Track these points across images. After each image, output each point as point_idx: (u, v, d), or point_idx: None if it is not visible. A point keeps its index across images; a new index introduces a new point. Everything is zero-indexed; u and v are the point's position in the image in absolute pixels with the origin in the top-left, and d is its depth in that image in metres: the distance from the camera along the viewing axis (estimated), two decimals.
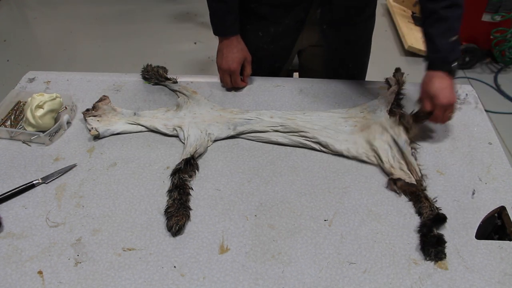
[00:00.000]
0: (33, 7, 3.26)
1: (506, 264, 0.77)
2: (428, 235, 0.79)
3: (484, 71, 2.50)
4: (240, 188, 0.90)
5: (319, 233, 0.81)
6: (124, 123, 1.03)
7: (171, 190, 0.87)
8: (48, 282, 0.73)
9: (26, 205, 0.86)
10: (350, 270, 0.76)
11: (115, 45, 2.80)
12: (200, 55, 2.70)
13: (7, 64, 2.64)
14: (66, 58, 2.69)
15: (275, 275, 0.75)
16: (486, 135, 1.02)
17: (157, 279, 0.74)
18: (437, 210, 0.83)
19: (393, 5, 2.91)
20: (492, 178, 0.92)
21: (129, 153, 0.97)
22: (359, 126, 1.01)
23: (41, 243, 0.79)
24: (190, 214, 0.84)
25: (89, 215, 0.84)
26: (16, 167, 0.94)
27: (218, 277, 0.75)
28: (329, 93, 1.14)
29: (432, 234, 0.79)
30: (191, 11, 3.14)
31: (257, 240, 0.80)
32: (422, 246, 0.78)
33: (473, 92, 1.14)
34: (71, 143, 1.00)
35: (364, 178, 0.92)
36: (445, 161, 0.96)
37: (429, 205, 0.84)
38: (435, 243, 0.77)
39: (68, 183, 0.90)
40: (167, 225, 0.81)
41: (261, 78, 1.20)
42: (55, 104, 1.02)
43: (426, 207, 0.84)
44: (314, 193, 0.89)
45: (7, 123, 1.04)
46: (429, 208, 0.83)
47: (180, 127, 1.00)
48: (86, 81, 1.18)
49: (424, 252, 0.78)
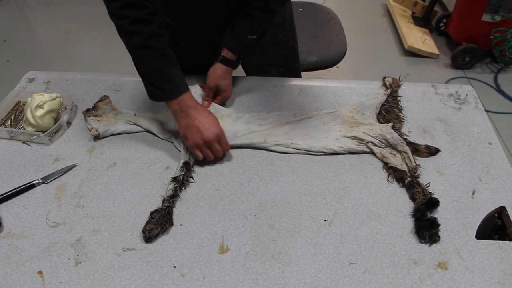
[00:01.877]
0: (33, 7, 3.26)
1: (506, 264, 0.77)
2: (422, 219, 0.82)
3: (484, 71, 2.50)
4: (240, 188, 0.90)
5: (319, 233, 0.81)
6: (124, 123, 1.03)
7: (170, 196, 0.86)
8: (48, 282, 0.73)
9: (26, 205, 0.86)
10: (350, 270, 0.75)
11: (115, 45, 2.79)
12: None
13: (7, 64, 2.64)
14: (66, 58, 2.68)
15: (275, 275, 0.75)
16: (486, 135, 1.02)
17: (157, 279, 0.74)
18: (429, 195, 0.86)
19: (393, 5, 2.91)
20: (492, 178, 0.92)
21: (129, 153, 0.97)
22: (347, 124, 1.02)
23: (41, 243, 0.79)
24: (169, 229, 0.82)
25: (89, 215, 0.84)
26: (16, 167, 0.94)
27: (218, 277, 0.75)
28: (329, 93, 1.14)
29: (426, 218, 0.82)
30: None
31: (257, 240, 0.80)
32: (417, 229, 0.81)
33: (473, 92, 1.14)
34: (71, 143, 1.00)
35: (364, 178, 0.92)
36: (445, 161, 0.96)
37: (421, 190, 0.87)
38: (429, 226, 0.81)
39: (68, 183, 0.90)
40: (143, 227, 0.81)
41: (261, 78, 1.20)
42: (55, 104, 1.02)
43: (419, 192, 0.86)
44: (314, 193, 0.89)
45: (7, 123, 1.04)
46: (422, 193, 0.86)
47: (176, 135, 1.00)
48: (86, 81, 1.18)
49: (419, 235, 0.80)
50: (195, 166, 0.94)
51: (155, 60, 0.90)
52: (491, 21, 2.31)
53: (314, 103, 1.11)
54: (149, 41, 0.89)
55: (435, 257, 0.77)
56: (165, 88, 0.92)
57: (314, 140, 0.98)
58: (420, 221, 0.82)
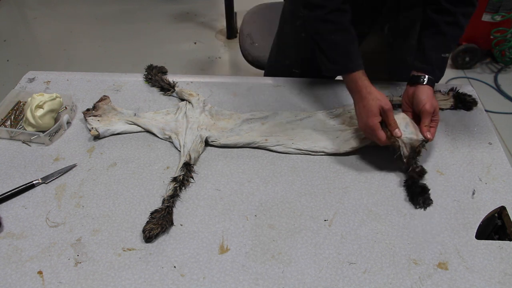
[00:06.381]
0: (33, 7, 3.26)
1: (506, 264, 0.77)
2: (413, 186, 0.88)
3: (484, 71, 2.50)
4: (240, 188, 0.90)
5: (319, 233, 0.81)
6: (124, 123, 1.03)
7: (169, 196, 0.86)
8: (48, 282, 0.73)
9: (26, 205, 0.86)
10: (350, 270, 0.75)
11: (115, 45, 2.80)
12: (200, 55, 2.70)
13: (7, 64, 2.63)
14: (66, 58, 2.68)
15: (275, 275, 0.75)
16: (486, 135, 1.02)
17: (157, 279, 0.74)
18: (420, 166, 0.91)
19: None
20: (492, 178, 0.92)
21: (129, 153, 0.97)
22: (346, 123, 1.02)
23: (41, 243, 0.79)
24: (169, 229, 0.82)
25: (89, 215, 0.84)
26: (16, 167, 0.94)
27: (218, 277, 0.75)
28: (329, 93, 1.14)
29: (417, 185, 0.88)
30: (191, 11, 3.14)
31: (257, 240, 0.80)
32: (411, 197, 0.87)
33: (473, 92, 1.14)
34: (71, 143, 1.00)
35: (364, 178, 0.92)
36: (445, 161, 0.96)
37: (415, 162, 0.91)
38: (421, 192, 0.87)
39: (68, 183, 0.90)
40: (143, 227, 0.81)
41: (261, 78, 1.20)
42: (55, 104, 1.02)
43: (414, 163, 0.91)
44: (314, 193, 0.89)
45: (7, 123, 1.04)
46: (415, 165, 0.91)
47: (176, 135, 1.00)
48: (86, 81, 1.18)
49: (413, 202, 0.87)
50: (195, 166, 0.94)
51: (334, 34, 0.91)
52: (491, 21, 2.31)
53: (314, 103, 1.11)
54: (330, 15, 0.90)
55: (435, 257, 0.77)
56: (340, 63, 0.93)
57: (315, 140, 0.98)
58: (412, 188, 0.88)
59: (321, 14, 0.91)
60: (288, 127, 1.02)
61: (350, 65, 0.92)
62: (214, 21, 3.01)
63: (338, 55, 0.93)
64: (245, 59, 1.60)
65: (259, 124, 1.03)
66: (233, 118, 1.04)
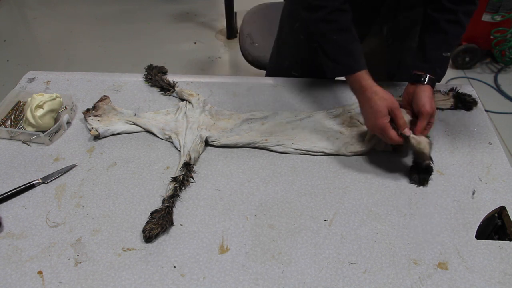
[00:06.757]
0: (33, 7, 3.26)
1: (506, 264, 0.77)
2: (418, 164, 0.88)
3: (484, 71, 2.50)
4: (240, 188, 0.90)
5: (319, 233, 0.81)
6: (124, 123, 1.03)
7: (169, 196, 0.86)
8: (48, 282, 0.73)
9: (26, 205, 0.86)
10: (350, 270, 0.75)
11: (115, 45, 2.80)
12: (200, 55, 2.70)
13: (7, 64, 2.63)
14: (66, 58, 2.68)
15: (275, 275, 0.75)
16: (486, 135, 1.02)
17: (157, 279, 0.74)
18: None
19: None
20: (492, 178, 0.92)
21: (129, 153, 0.97)
22: (346, 123, 1.02)
23: (41, 243, 0.79)
24: (169, 229, 0.82)
25: (89, 215, 0.84)
26: (16, 167, 0.94)
27: (218, 277, 0.75)
28: (329, 93, 1.14)
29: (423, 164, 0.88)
30: (191, 11, 3.14)
31: (257, 240, 0.80)
32: (411, 170, 0.89)
33: (473, 92, 1.14)
34: (71, 143, 1.00)
35: (364, 178, 0.92)
36: (445, 161, 0.96)
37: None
38: (424, 170, 0.88)
39: (68, 183, 0.90)
40: (143, 227, 0.81)
41: (261, 78, 1.20)
42: (55, 104, 1.02)
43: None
44: (314, 193, 0.89)
45: (7, 123, 1.04)
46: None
47: (176, 135, 1.00)
48: (86, 81, 1.18)
49: (409, 177, 0.89)
50: (195, 166, 0.94)
51: (336, 34, 0.91)
52: (491, 21, 2.31)
53: (314, 103, 1.11)
54: (331, 15, 0.91)
55: (435, 257, 0.77)
56: (343, 63, 0.93)
57: (315, 141, 0.98)
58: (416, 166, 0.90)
59: (322, 15, 0.91)
60: (288, 127, 1.02)
61: (353, 65, 0.92)
62: (214, 21, 3.01)
63: (341, 55, 0.93)
64: (245, 59, 1.60)
65: (259, 124, 1.03)
66: (233, 118, 1.04)
